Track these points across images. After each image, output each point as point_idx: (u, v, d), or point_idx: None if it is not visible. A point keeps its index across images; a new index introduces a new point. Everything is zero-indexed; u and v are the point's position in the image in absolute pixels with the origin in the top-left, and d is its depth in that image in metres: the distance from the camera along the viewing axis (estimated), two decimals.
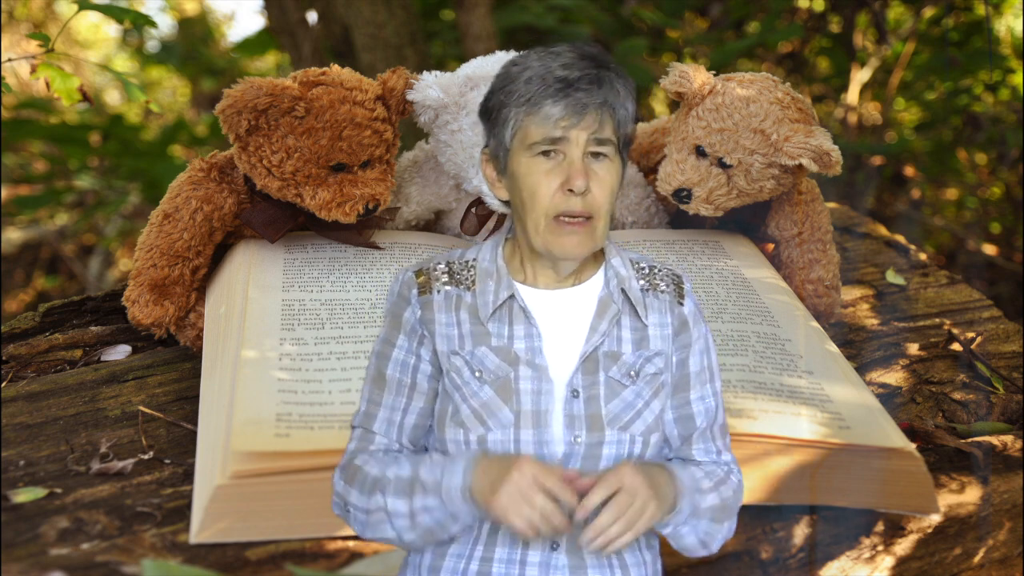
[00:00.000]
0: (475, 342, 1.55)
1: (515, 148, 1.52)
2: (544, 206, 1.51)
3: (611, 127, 1.51)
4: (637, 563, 1.57)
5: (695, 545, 1.58)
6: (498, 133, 1.54)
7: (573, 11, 5.40)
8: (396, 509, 1.49)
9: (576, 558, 1.52)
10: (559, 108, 1.48)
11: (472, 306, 1.57)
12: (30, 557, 1.78)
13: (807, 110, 2.44)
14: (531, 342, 1.55)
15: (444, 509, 1.46)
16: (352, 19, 4.34)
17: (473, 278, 1.60)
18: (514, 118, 1.51)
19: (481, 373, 1.54)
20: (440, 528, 1.49)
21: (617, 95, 1.51)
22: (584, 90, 1.48)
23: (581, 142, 1.49)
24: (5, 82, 2.50)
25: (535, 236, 1.53)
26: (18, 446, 2.07)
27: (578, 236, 1.52)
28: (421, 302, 1.58)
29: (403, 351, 1.58)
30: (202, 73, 8.40)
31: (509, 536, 1.51)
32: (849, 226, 3.20)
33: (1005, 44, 5.72)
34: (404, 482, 1.49)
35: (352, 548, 1.91)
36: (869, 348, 2.67)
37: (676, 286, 1.66)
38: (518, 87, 1.51)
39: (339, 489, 1.56)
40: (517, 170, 1.53)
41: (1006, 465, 2.37)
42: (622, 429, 1.53)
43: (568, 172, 1.49)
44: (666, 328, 1.62)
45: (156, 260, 2.32)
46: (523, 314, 1.56)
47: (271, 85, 2.20)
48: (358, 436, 1.58)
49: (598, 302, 1.59)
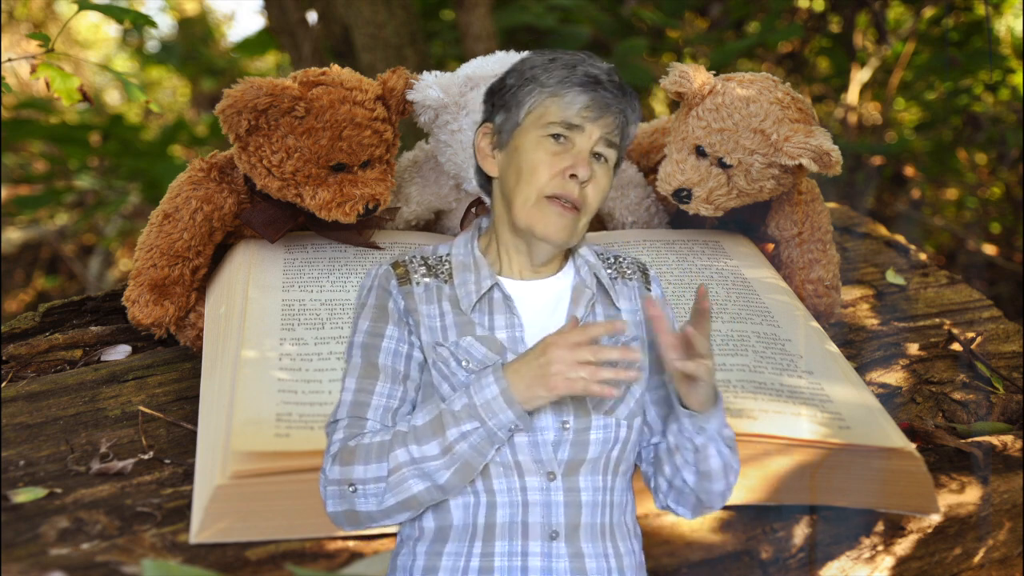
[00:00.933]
0: (459, 332, 1.57)
1: (527, 124, 1.57)
2: (541, 183, 1.54)
3: (619, 134, 1.58)
4: (628, 551, 1.59)
5: (719, 468, 1.57)
6: (511, 110, 1.58)
7: (573, 11, 5.41)
8: (425, 453, 1.47)
9: (575, 546, 1.53)
10: (585, 98, 1.54)
11: (452, 297, 1.59)
12: (30, 557, 1.78)
13: (807, 110, 2.44)
14: (512, 331, 1.57)
15: (484, 429, 1.46)
16: (352, 19, 4.34)
17: (450, 271, 1.62)
18: (535, 97, 1.56)
19: (468, 362, 1.54)
20: (478, 454, 1.47)
21: (633, 111, 1.60)
22: (610, 92, 1.55)
23: (594, 137, 1.55)
24: (5, 82, 2.50)
25: (521, 210, 1.56)
26: (18, 446, 2.07)
27: (564, 220, 1.55)
28: (402, 292, 1.60)
29: (395, 340, 1.58)
30: (202, 73, 8.40)
31: (508, 528, 1.52)
32: (849, 226, 3.20)
33: (1005, 44, 5.72)
34: (425, 427, 1.48)
35: (352, 548, 1.91)
36: (869, 348, 2.67)
37: (642, 273, 1.72)
38: (545, 71, 1.56)
39: (336, 476, 1.51)
40: (523, 144, 1.57)
41: (1006, 465, 2.37)
42: (607, 414, 1.56)
43: (575, 159, 1.54)
44: (637, 313, 1.66)
45: (156, 260, 2.32)
46: (504, 304, 1.59)
47: (271, 85, 2.20)
48: (345, 426, 1.54)
49: (572, 290, 1.62)
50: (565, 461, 1.53)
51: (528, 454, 1.52)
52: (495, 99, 1.63)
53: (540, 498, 1.52)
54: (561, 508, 1.53)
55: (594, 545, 1.54)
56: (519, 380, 1.45)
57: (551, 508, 1.53)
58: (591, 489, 1.55)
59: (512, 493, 1.52)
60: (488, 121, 1.64)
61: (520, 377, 1.45)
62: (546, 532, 1.52)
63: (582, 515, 1.54)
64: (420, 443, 1.47)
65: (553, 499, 1.53)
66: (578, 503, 1.54)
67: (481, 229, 1.69)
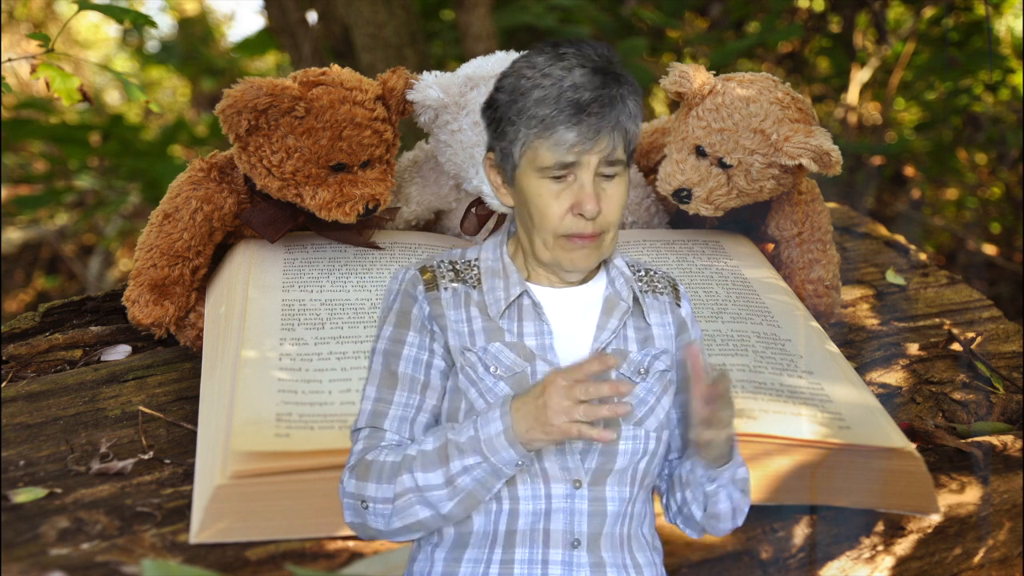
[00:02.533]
0: (488, 338, 1.54)
1: (524, 167, 1.51)
2: (553, 226, 1.50)
3: (622, 147, 1.50)
4: (648, 563, 1.58)
5: (727, 512, 1.57)
6: (506, 147, 1.52)
7: (573, 11, 5.41)
8: (429, 482, 1.45)
9: (596, 556, 1.51)
10: (573, 134, 1.45)
11: (480, 303, 1.57)
12: (30, 557, 1.78)
13: (807, 110, 2.44)
14: (542, 339, 1.55)
15: (487, 464, 1.43)
16: (352, 19, 4.34)
17: (478, 276, 1.59)
18: (525, 138, 1.49)
19: (496, 368, 1.52)
20: (482, 488, 1.45)
21: (628, 113, 1.50)
22: (597, 114, 1.46)
23: (593, 165, 1.48)
24: (5, 82, 2.50)
25: (543, 251, 1.53)
26: (18, 446, 2.07)
27: (586, 250, 1.52)
28: (429, 298, 1.57)
29: (415, 348, 1.56)
30: (202, 73, 8.41)
31: (529, 536, 1.50)
32: (849, 226, 3.20)
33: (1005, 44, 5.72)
34: (432, 453, 1.45)
35: (352, 548, 1.91)
36: (869, 348, 2.67)
37: (673, 288, 1.69)
38: (528, 106, 1.47)
39: (351, 489, 1.50)
40: (526, 188, 1.51)
41: (1006, 465, 2.37)
42: (637, 425, 1.54)
43: (579, 196, 1.48)
44: (668, 328, 1.63)
45: (156, 260, 2.32)
46: (534, 311, 1.56)
47: (271, 85, 2.20)
48: (365, 436, 1.54)
49: (604, 301, 1.59)
50: (592, 470, 1.52)
51: (555, 461, 1.50)
52: (489, 117, 1.56)
53: (564, 505, 1.51)
54: (585, 517, 1.51)
55: (614, 555, 1.53)
56: (521, 420, 1.42)
57: (574, 516, 1.51)
58: (618, 499, 1.53)
59: (536, 501, 1.50)
60: (490, 150, 1.58)
61: (522, 416, 1.42)
62: (568, 540, 1.51)
63: (606, 524, 1.52)
64: (425, 470, 1.45)
65: (577, 507, 1.51)
66: (603, 513, 1.52)
67: (510, 233, 1.64)
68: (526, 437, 1.41)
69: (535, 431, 1.41)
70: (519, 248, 1.61)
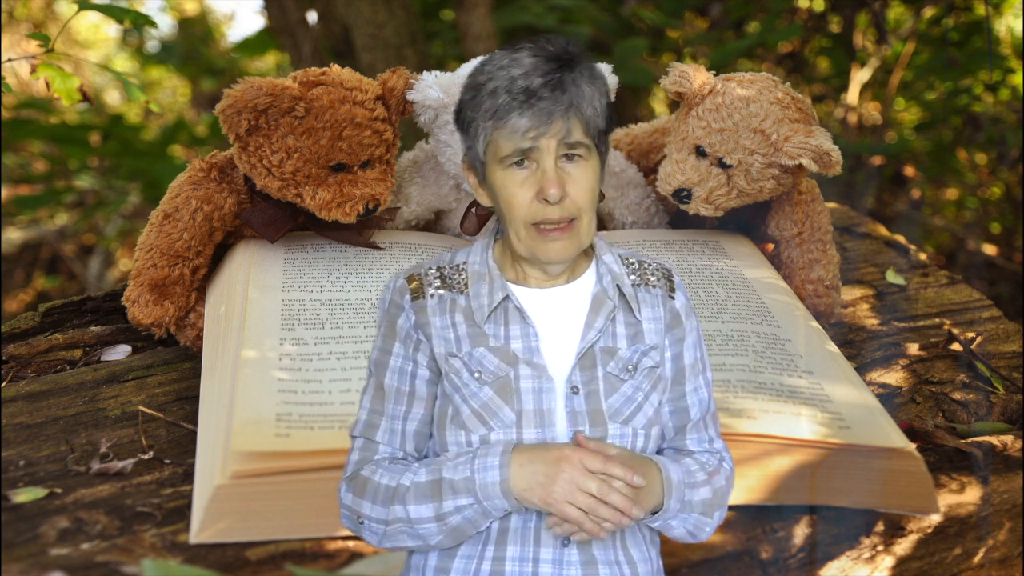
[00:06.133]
0: (472, 343, 1.55)
1: (489, 161, 1.53)
2: (522, 215, 1.51)
3: (580, 129, 1.49)
4: (643, 559, 1.58)
5: (683, 536, 1.60)
6: (472, 146, 1.55)
7: (573, 11, 5.41)
8: (421, 515, 1.49)
9: (587, 554, 1.52)
10: (525, 120, 1.46)
11: (466, 308, 1.58)
12: (30, 557, 1.78)
13: (807, 110, 2.44)
14: (528, 341, 1.55)
15: (478, 507, 1.47)
16: (352, 19, 4.34)
17: (465, 281, 1.60)
18: (483, 132, 1.51)
19: (480, 374, 1.54)
20: (471, 526, 1.50)
21: (582, 95, 1.49)
22: (548, 98, 1.47)
23: (552, 149, 1.49)
24: (5, 82, 2.50)
25: (518, 244, 1.54)
26: (18, 446, 2.07)
27: (561, 241, 1.52)
28: (415, 307, 1.58)
29: (400, 359, 1.58)
30: (202, 73, 8.41)
31: (520, 533, 1.52)
32: (849, 226, 3.20)
33: (1005, 44, 5.72)
34: (425, 487, 1.49)
35: (352, 548, 1.91)
36: (869, 348, 2.67)
37: (667, 280, 1.67)
38: (483, 100, 1.50)
39: (348, 503, 1.55)
40: (494, 182, 1.53)
41: (1006, 465, 2.37)
42: (624, 423, 1.54)
43: (541, 181, 1.49)
44: (659, 322, 1.63)
45: (156, 260, 2.32)
46: (519, 314, 1.57)
47: (271, 85, 2.20)
48: (360, 446, 1.58)
49: (592, 298, 1.59)
50: None
51: None
52: (458, 119, 1.58)
53: None
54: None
55: (605, 552, 1.53)
56: (521, 476, 1.45)
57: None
58: None
59: None
60: (465, 154, 1.60)
61: (523, 473, 1.45)
62: (558, 538, 1.51)
63: None
64: (418, 503, 1.49)
65: None
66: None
67: (496, 235, 1.65)
68: (523, 495, 1.46)
69: (533, 494, 1.45)
70: (506, 249, 1.61)
